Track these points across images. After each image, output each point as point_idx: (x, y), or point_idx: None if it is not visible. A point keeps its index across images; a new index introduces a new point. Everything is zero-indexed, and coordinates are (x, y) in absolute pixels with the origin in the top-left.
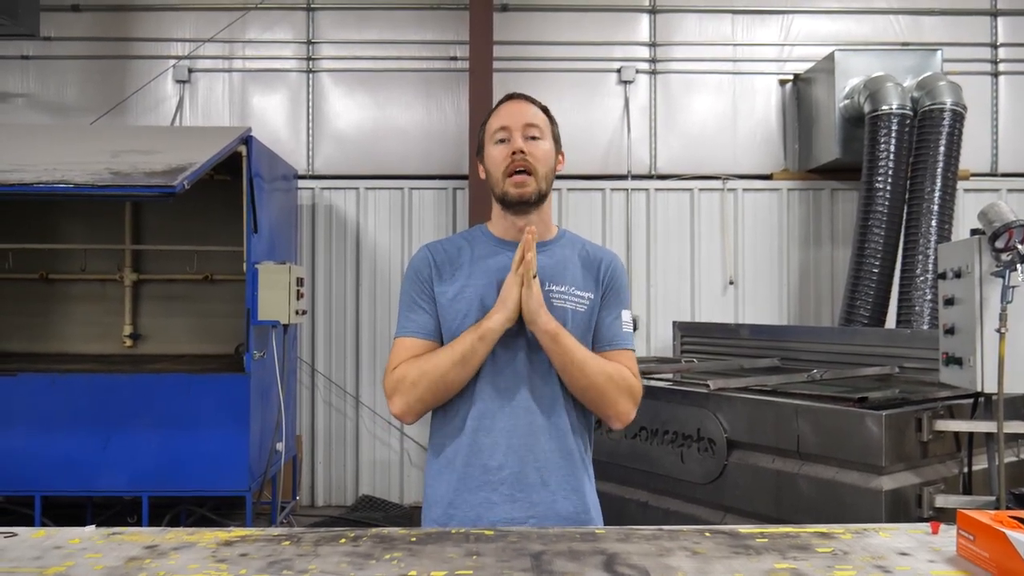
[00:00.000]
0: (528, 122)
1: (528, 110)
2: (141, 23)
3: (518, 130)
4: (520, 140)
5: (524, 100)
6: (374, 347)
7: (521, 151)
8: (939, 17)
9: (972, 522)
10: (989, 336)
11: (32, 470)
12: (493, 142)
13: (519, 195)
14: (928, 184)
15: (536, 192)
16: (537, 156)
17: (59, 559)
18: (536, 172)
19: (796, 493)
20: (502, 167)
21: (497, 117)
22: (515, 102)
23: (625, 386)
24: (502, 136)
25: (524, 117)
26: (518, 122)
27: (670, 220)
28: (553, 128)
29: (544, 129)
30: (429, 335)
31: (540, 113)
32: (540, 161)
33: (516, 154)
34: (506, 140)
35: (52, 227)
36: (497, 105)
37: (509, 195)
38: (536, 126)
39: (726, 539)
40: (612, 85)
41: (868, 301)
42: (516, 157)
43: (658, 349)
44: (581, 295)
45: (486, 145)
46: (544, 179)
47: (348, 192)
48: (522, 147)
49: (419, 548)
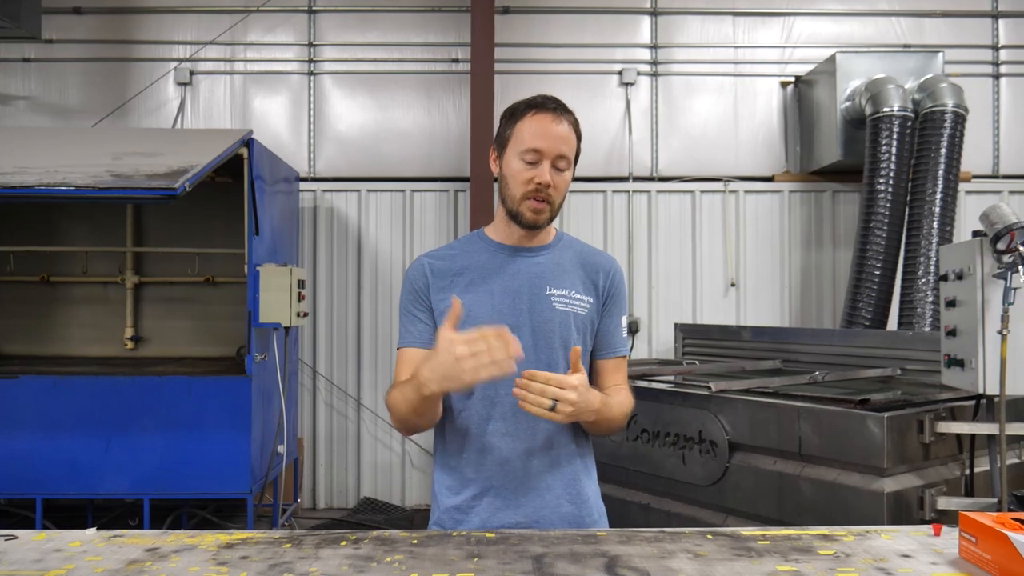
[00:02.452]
0: (562, 152)
1: (564, 132)
2: (142, 26)
3: (550, 158)
4: (548, 172)
5: (561, 117)
6: (375, 349)
7: (548, 184)
8: (940, 19)
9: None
10: (991, 338)
11: (33, 473)
12: (520, 156)
13: (533, 221)
14: (930, 186)
15: (548, 219)
16: (560, 188)
17: (60, 562)
18: (554, 203)
19: (798, 495)
20: (523, 188)
21: (532, 132)
22: (554, 118)
23: (630, 411)
24: (532, 159)
25: (559, 144)
26: (552, 150)
27: (672, 222)
28: (578, 147)
29: (571, 156)
30: (426, 344)
31: (572, 136)
32: (560, 193)
33: (541, 186)
34: (535, 163)
35: (53, 229)
36: (533, 107)
37: (524, 217)
38: (566, 156)
39: (728, 541)
40: (613, 87)
41: (870, 303)
42: (541, 190)
43: (660, 351)
44: (582, 298)
45: (510, 151)
46: (558, 207)
47: (349, 194)
48: (549, 181)
49: (420, 550)
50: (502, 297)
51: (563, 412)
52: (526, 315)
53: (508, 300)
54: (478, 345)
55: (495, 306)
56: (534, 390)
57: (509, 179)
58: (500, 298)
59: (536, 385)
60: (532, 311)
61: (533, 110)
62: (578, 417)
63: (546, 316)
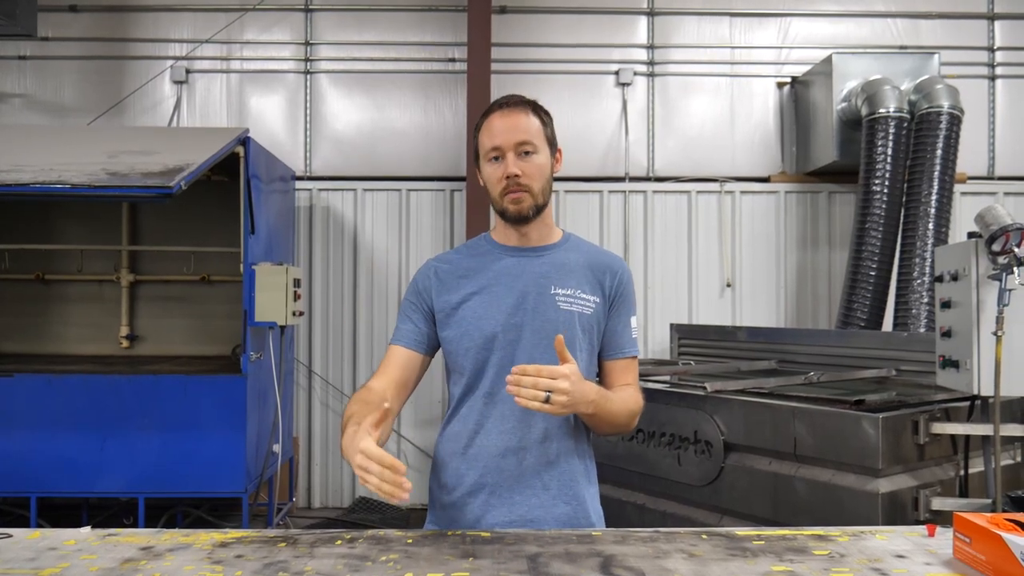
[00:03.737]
0: (520, 140)
1: (519, 123)
2: (139, 24)
3: (510, 149)
4: (512, 162)
5: (514, 110)
6: (371, 349)
7: (515, 175)
8: (937, 20)
9: (968, 525)
10: (986, 339)
11: (28, 471)
12: (486, 159)
13: (517, 212)
14: (925, 187)
15: (533, 207)
16: (532, 174)
17: (54, 560)
18: (532, 189)
19: (793, 495)
20: (498, 187)
21: (488, 134)
22: (504, 114)
23: (637, 411)
24: (495, 155)
25: (515, 134)
26: (509, 141)
27: (668, 222)
28: (547, 131)
29: (537, 139)
30: (411, 345)
31: (532, 120)
32: (535, 178)
33: (510, 178)
34: (499, 159)
35: (49, 228)
36: (487, 114)
37: (508, 212)
38: (528, 141)
39: (723, 541)
40: (610, 87)
41: (865, 304)
42: (510, 181)
43: (655, 351)
44: (587, 298)
45: (481, 160)
46: (541, 192)
47: (346, 193)
48: (515, 171)
49: (416, 550)
50: (507, 298)
51: (558, 403)
52: (530, 314)
53: (513, 300)
54: (370, 470)
55: (501, 306)
56: (526, 383)
57: (487, 185)
58: (505, 299)
59: (528, 379)
60: (536, 310)
61: (486, 116)
62: (574, 408)
63: (550, 316)
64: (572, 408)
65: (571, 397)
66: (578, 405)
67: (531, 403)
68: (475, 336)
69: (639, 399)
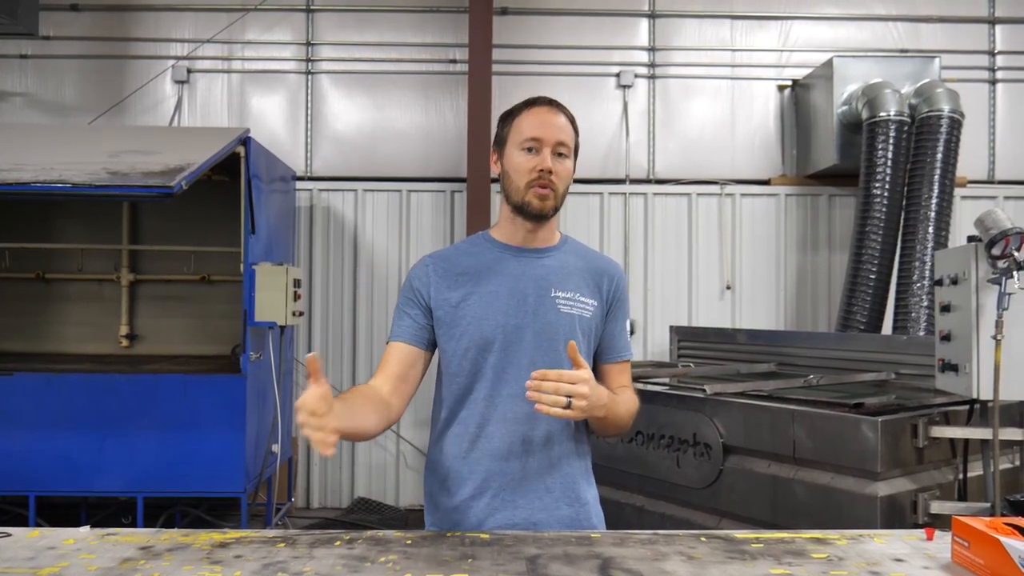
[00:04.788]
0: (561, 139)
1: (562, 122)
2: (140, 23)
3: (549, 145)
4: (549, 158)
5: (558, 110)
6: (371, 349)
7: (550, 171)
8: (937, 24)
9: (967, 529)
10: (985, 343)
11: (27, 470)
12: (520, 148)
13: (540, 208)
14: (925, 191)
15: (554, 207)
16: (562, 176)
17: (53, 559)
18: (557, 191)
19: (792, 498)
20: (526, 178)
21: (530, 123)
22: (550, 110)
23: (635, 412)
24: (532, 146)
25: (558, 133)
26: (551, 137)
27: (668, 225)
28: (576, 140)
29: (571, 145)
30: (410, 340)
31: (570, 127)
32: (563, 180)
33: (544, 172)
34: (535, 151)
35: (49, 227)
36: (529, 104)
37: (531, 206)
38: (566, 143)
39: (721, 544)
40: (611, 89)
41: (865, 307)
42: (543, 176)
43: (655, 353)
44: (586, 301)
45: (510, 146)
46: (562, 196)
47: (346, 194)
48: (551, 167)
49: (414, 551)
50: (508, 299)
51: (579, 407)
52: (531, 316)
53: (514, 302)
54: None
55: (501, 307)
56: (548, 389)
57: (511, 172)
58: (506, 299)
59: (549, 384)
60: (537, 313)
61: (529, 106)
62: (591, 412)
63: (550, 318)
64: (589, 412)
65: (590, 402)
66: (595, 409)
67: (552, 409)
68: (474, 336)
69: (636, 400)
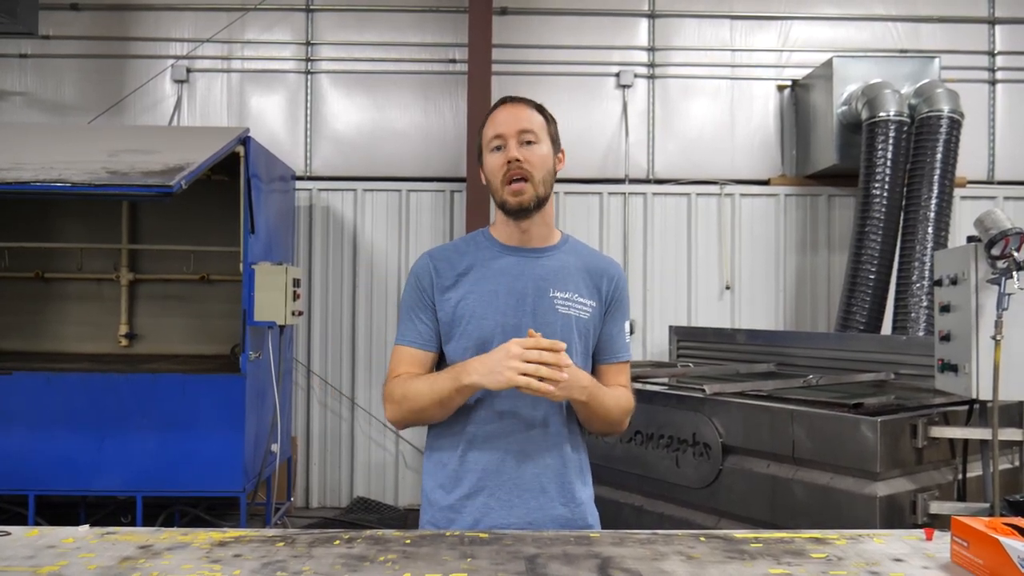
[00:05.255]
0: (522, 128)
1: (522, 114)
2: (140, 23)
3: (513, 137)
4: (515, 148)
5: (518, 103)
6: (370, 349)
7: (516, 159)
8: (937, 25)
9: (966, 529)
10: (984, 343)
11: (26, 469)
12: (489, 150)
13: (517, 203)
14: (925, 191)
15: (534, 198)
16: (533, 162)
17: (52, 558)
18: (533, 178)
19: (791, 498)
20: (499, 175)
21: (492, 124)
22: (509, 107)
23: (629, 410)
24: (497, 144)
25: (518, 123)
26: (512, 128)
27: (667, 225)
28: (550, 128)
29: (540, 132)
30: (425, 345)
31: (535, 115)
32: (536, 167)
33: (511, 163)
34: (501, 148)
35: (49, 226)
36: (492, 110)
37: (508, 203)
38: (531, 131)
39: (721, 544)
40: (610, 89)
41: (864, 307)
42: (512, 166)
43: (654, 353)
44: (584, 302)
45: (484, 153)
46: (542, 183)
47: (346, 193)
48: (517, 155)
49: (413, 550)
50: (507, 298)
51: (557, 378)
52: (529, 316)
53: (512, 301)
54: (531, 353)
55: (500, 306)
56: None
57: (488, 175)
58: (505, 299)
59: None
60: (535, 313)
61: (493, 110)
62: (569, 391)
63: (549, 319)
64: (568, 390)
65: (568, 373)
66: (573, 389)
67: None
68: (473, 335)
69: (632, 399)
